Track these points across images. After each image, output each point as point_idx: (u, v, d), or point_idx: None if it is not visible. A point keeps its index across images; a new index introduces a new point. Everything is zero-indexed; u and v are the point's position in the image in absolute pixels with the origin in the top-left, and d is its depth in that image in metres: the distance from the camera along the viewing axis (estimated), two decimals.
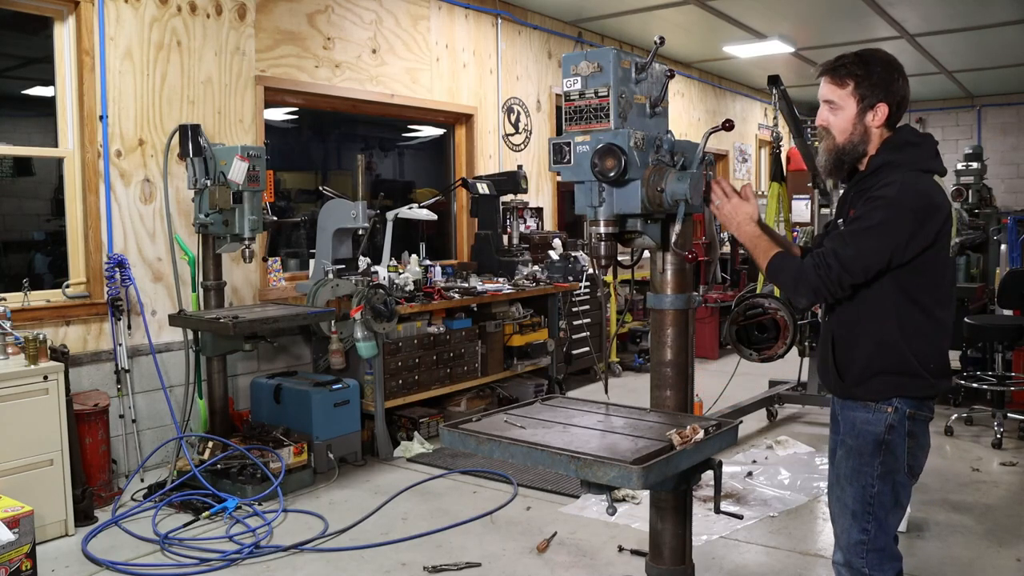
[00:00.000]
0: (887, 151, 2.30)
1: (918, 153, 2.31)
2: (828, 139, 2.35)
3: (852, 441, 2.33)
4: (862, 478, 2.29)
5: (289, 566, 3.67)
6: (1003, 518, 4.19)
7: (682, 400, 2.47)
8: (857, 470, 2.30)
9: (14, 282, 4.53)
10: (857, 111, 2.30)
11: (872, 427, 2.28)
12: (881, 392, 2.27)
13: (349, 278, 5.21)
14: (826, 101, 2.34)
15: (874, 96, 2.28)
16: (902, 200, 2.16)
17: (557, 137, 2.31)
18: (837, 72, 2.31)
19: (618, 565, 3.64)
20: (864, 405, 2.31)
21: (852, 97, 2.29)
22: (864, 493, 2.28)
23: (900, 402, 2.27)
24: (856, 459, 2.31)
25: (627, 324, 8.50)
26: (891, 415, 2.27)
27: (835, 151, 2.34)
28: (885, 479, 2.28)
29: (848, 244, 2.20)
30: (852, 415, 2.34)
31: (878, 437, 2.28)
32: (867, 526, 2.28)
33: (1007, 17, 8.41)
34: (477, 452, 2.22)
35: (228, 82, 5.37)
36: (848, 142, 2.32)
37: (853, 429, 2.33)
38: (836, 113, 2.32)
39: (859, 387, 2.31)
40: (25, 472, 3.80)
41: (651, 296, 2.46)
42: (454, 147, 7.54)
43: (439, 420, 5.60)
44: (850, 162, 2.35)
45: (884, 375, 2.27)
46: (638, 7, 7.97)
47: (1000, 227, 8.21)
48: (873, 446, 2.28)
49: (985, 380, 5.90)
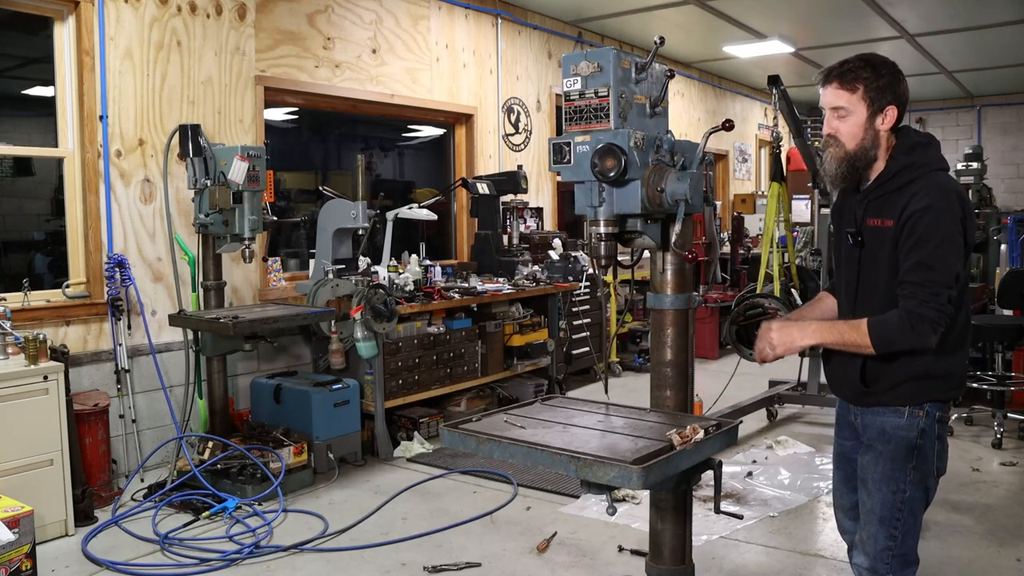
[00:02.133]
0: (902, 154, 2.27)
1: (931, 153, 2.29)
2: (837, 147, 2.30)
3: (882, 447, 2.31)
4: (893, 483, 2.28)
5: (289, 566, 3.67)
6: (1003, 518, 4.19)
7: (682, 400, 2.47)
8: (889, 476, 2.29)
9: (14, 282, 4.54)
10: (868, 115, 2.27)
11: (905, 432, 2.27)
12: (913, 397, 2.27)
13: (349, 278, 5.21)
14: (834, 108, 2.29)
15: (883, 99, 2.27)
16: (947, 206, 2.16)
17: (557, 137, 2.30)
18: (846, 76, 2.27)
19: (618, 565, 3.64)
20: (895, 410, 2.29)
21: (863, 102, 2.26)
22: (895, 499, 2.28)
23: (931, 406, 2.27)
24: (887, 464, 2.30)
25: (627, 324, 8.50)
26: (923, 419, 2.27)
27: (847, 158, 2.30)
28: (918, 484, 2.29)
29: (930, 267, 2.15)
30: (880, 420, 2.32)
31: (911, 442, 2.27)
32: (895, 532, 2.28)
33: (1007, 17, 8.41)
34: (477, 452, 2.22)
35: (228, 82, 5.37)
36: (860, 148, 2.28)
37: (883, 435, 2.31)
38: (845, 119, 2.28)
39: (889, 392, 2.29)
40: (25, 472, 3.80)
41: (651, 296, 2.46)
42: (454, 147, 7.54)
43: (439, 420, 5.60)
44: (863, 168, 2.31)
45: (916, 380, 2.26)
46: (638, 7, 7.97)
47: (1000, 227, 8.22)
48: (907, 451, 2.28)
49: (985, 380, 5.90)
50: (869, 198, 2.32)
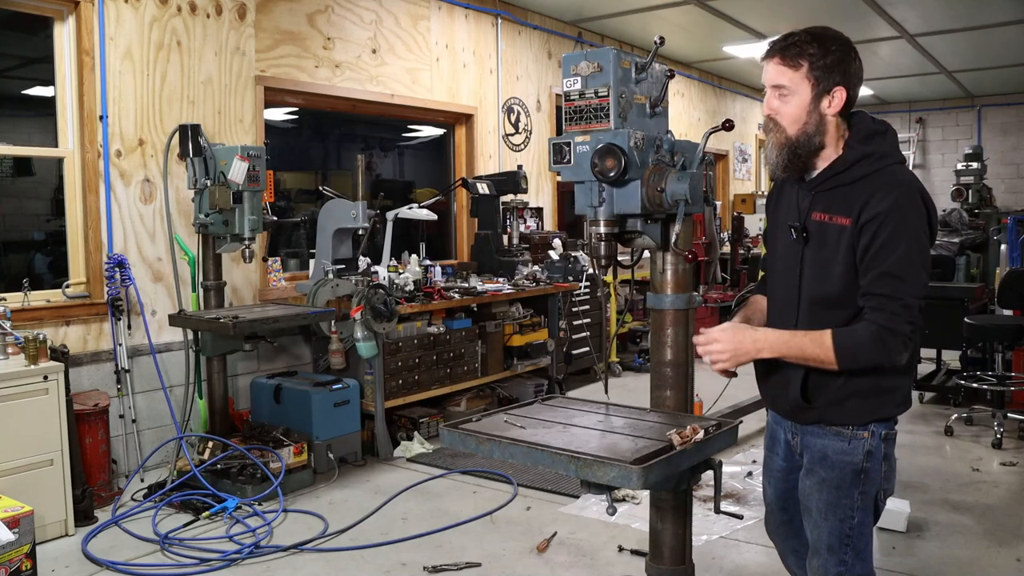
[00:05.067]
0: (859, 143, 2.06)
1: (888, 143, 2.09)
2: (777, 132, 2.08)
3: (826, 473, 2.12)
4: (840, 511, 2.10)
5: (289, 566, 3.67)
6: (1003, 518, 4.19)
7: (682, 400, 2.46)
8: (834, 504, 2.10)
9: (14, 282, 4.53)
10: (812, 97, 2.04)
11: (848, 457, 2.09)
12: (858, 415, 2.08)
13: (349, 278, 5.21)
14: (775, 86, 2.07)
15: (830, 79, 2.03)
16: (911, 206, 1.98)
17: (557, 137, 2.30)
18: (788, 52, 2.05)
19: (618, 565, 3.64)
20: (836, 433, 2.10)
21: (806, 80, 2.04)
22: (842, 527, 2.10)
23: (876, 425, 2.09)
24: (832, 492, 2.11)
25: (627, 324, 8.50)
26: (867, 440, 2.08)
27: (787, 145, 2.07)
28: (866, 508, 2.11)
29: (899, 278, 1.96)
30: (821, 444, 2.13)
31: (857, 467, 2.08)
32: (845, 557, 2.11)
33: (1007, 17, 8.40)
34: (477, 452, 2.22)
35: (228, 82, 5.37)
36: (801, 133, 2.06)
37: (825, 460, 2.12)
38: (787, 100, 2.06)
39: (831, 409, 2.09)
40: (25, 472, 3.80)
41: (651, 296, 2.46)
42: (454, 147, 7.54)
43: (439, 420, 5.60)
44: (805, 156, 2.08)
45: (861, 397, 2.06)
46: (638, 7, 7.97)
47: (1000, 227, 8.22)
48: (852, 477, 2.09)
49: (985, 380, 5.90)
50: (817, 190, 2.10)
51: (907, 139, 13.96)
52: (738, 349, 2.07)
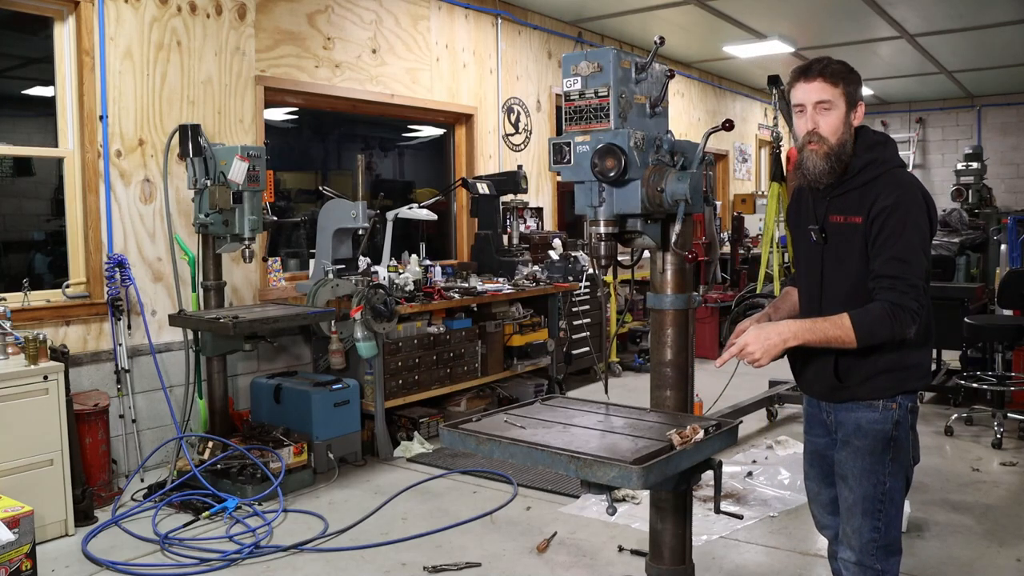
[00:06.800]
0: (864, 151, 2.34)
1: (889, 150, 2.38)
2: (820, 143, 2.32)
3: (860, 442, 2.36)
4: (873, 476, 2.33)
5: (289, 566, 3.67)
6: (1003, 518, 4.19)
7: (682, 400, 2.47)
8: (869, 470, 2.34)
9: (14, 282, 4.53)
10: (846, 111, 2.33)
11: (880, 426, 2.33)
12: (886, 389, 2.32)
13: (349, 278, 5.21)
14: (820, 102, 2.32)
15: (856, 95, 2.36)
16: (912, 201, 2.25)
17: (557, 137, 2.30)
18: (827, 71, 2.32)
19: (618, 565, 3.64)
20: (868, 405, 2.34)
21: (843, 96, 2.32)
22: (876, 491, 2.33)
23: (902, 398, 2.33)
24: (866, 459, 2.34)
25: (627, 324, 8.50)
26: (896, 411, 2.32)
27: (832, 154, 2.32)
28: (897, 474, 2.34)
29: (904, 261, 2.22)
30: (855, 416, 2.37)
31: (888, 435, 2.33)
32: (878, 523, 2.34)
33: (1007, 17, 8.41)
34: (477, 452, 2.22)
35: (228, 82, 5.37)
36: (841, 143, 2.32)
37: (859, 430, 2.36)
38: (827, 114, 2.32)
39: (862, 386, 2.34)
40: (25, 472, 3.80)
41: (651, 296, 2.46)
42: (454, 147, 7.54)
43: (439, 420, 5.60)
44: (844, 162, 2.34)
45: (888, 372, 2.31)
46: (638, 7, 7.97)
47: (1000, 227, 8.22)
48: (884, 444, 2.33)
49: (985, 380, 5.90)
50: (832, 195, 2.38)
51: (907, 139, 13.96)
52: (766, 344, 2.24)
